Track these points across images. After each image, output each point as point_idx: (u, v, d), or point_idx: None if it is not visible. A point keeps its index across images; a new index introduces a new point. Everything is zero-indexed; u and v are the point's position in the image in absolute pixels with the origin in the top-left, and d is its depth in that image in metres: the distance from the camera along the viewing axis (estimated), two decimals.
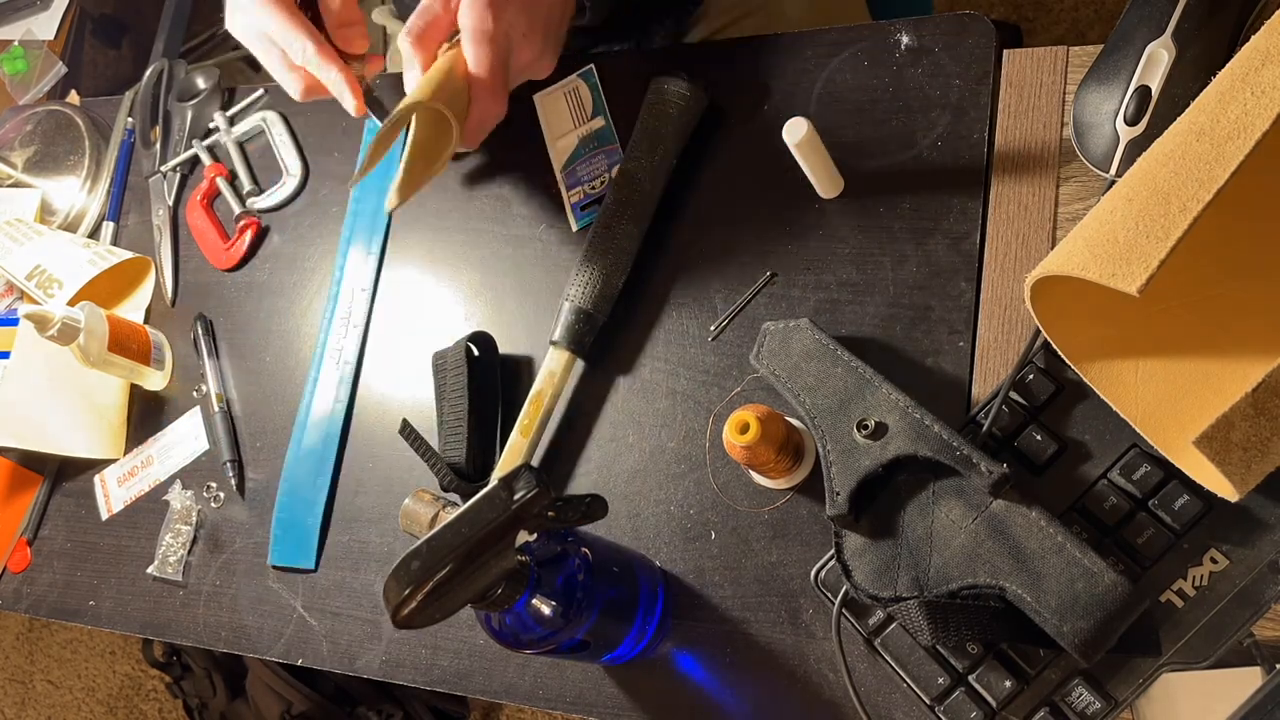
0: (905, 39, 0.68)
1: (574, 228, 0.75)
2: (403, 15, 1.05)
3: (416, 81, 0.68)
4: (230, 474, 0.81)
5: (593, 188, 0.74)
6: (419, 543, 0.48)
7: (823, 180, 0.65)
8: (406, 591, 0.47)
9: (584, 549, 0.56)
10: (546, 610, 0.54)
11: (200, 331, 0.87)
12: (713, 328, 0.68)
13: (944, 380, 0.61)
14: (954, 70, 0.66)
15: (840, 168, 0.66)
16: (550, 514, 0.50)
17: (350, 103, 0.73)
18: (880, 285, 0.64)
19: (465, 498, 0.50)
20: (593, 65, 0.78)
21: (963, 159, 0.64)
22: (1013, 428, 0.56)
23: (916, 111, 0.66)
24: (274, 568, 0.77)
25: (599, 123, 0.76)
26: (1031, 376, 0.57)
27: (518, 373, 0.74)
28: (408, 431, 0.69)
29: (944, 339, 0.61)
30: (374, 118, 0.75)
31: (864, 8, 0.96)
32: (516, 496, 0.48)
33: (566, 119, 0.77)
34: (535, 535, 0.50)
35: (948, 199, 0.64)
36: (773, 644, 0.61)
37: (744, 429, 0.55)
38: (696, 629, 0.63)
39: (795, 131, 0.60)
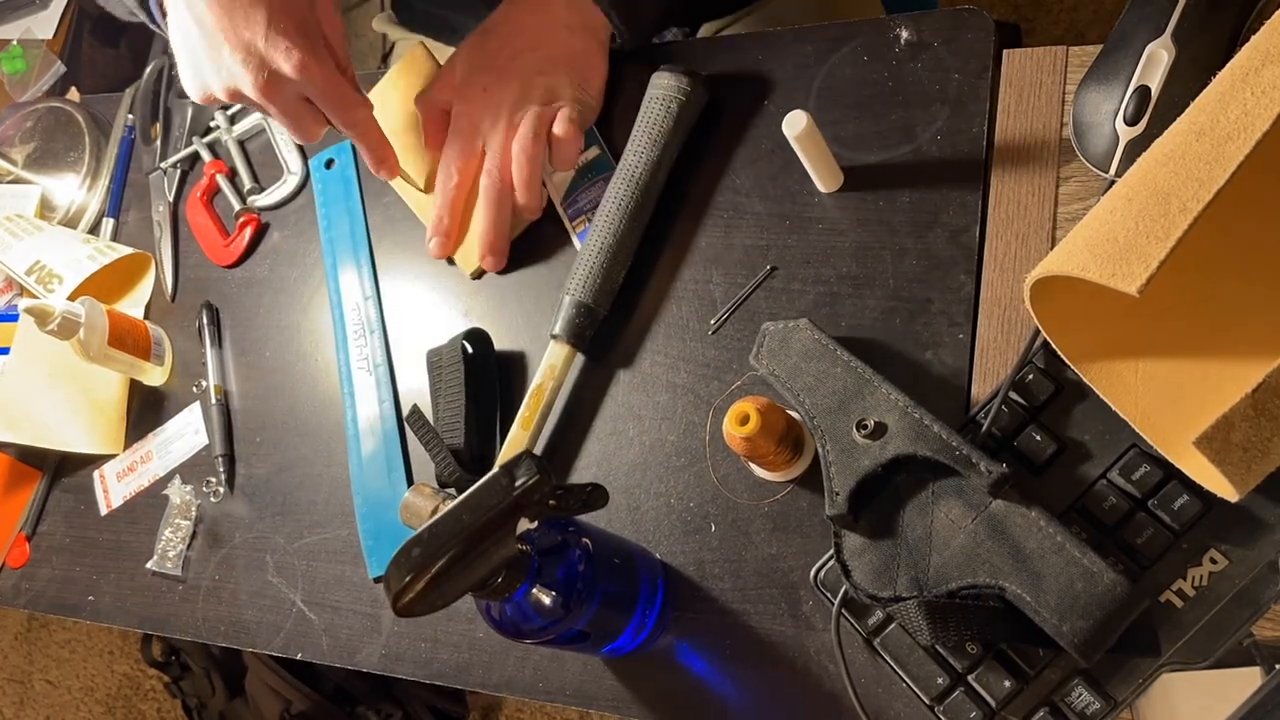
0: (905, 34, 0.68)
1: (579, 247, 0.74)
2: (404, 22, 1.06)
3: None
4: (221, 468, 0.81)
5: (591, 214, 0.74)
6: (420, 530, 0.48)
7: (822, 174, 0.66)
8: (407, 579, 0.47)
9: (584, 540, 0.56)
10: (547, 600, 0.54)
11: (205, 320, 0.87)
12: (713, 321, 0.68)
13: (943, 376, 0.61)
14: (953, 65, 0.66)
15: (840, 161, 0.66)
16: (551, 502, 0.50)
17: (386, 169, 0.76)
18: (880, 278, 0.64)
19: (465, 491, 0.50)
20: None
21: (962, 152, 0.64)
22: (1012, 428, 0.56)
23: (916, 106, 0.66)
24: (377, 580, 0.74)
25: (594, 152, 0.76)
26: (1031, 376, 0.57)
27: (517, 367, 0.74)
28: (415, 418, 0.69)
29: (944, 332, 0.61)
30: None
31: (878, 2, 0.97)
32: (517, 483, 0.48)
33: None
34: (536, 524, 0.50)
35: (947, 192, 0.64)
36: (772, 636, 0.61)
37: (744, 420, 0.55)
38: (696, 621, 0.63)
39: (795, 124, 0.60)
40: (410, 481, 0.75)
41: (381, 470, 0.76)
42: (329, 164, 0.87)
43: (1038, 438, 0.56)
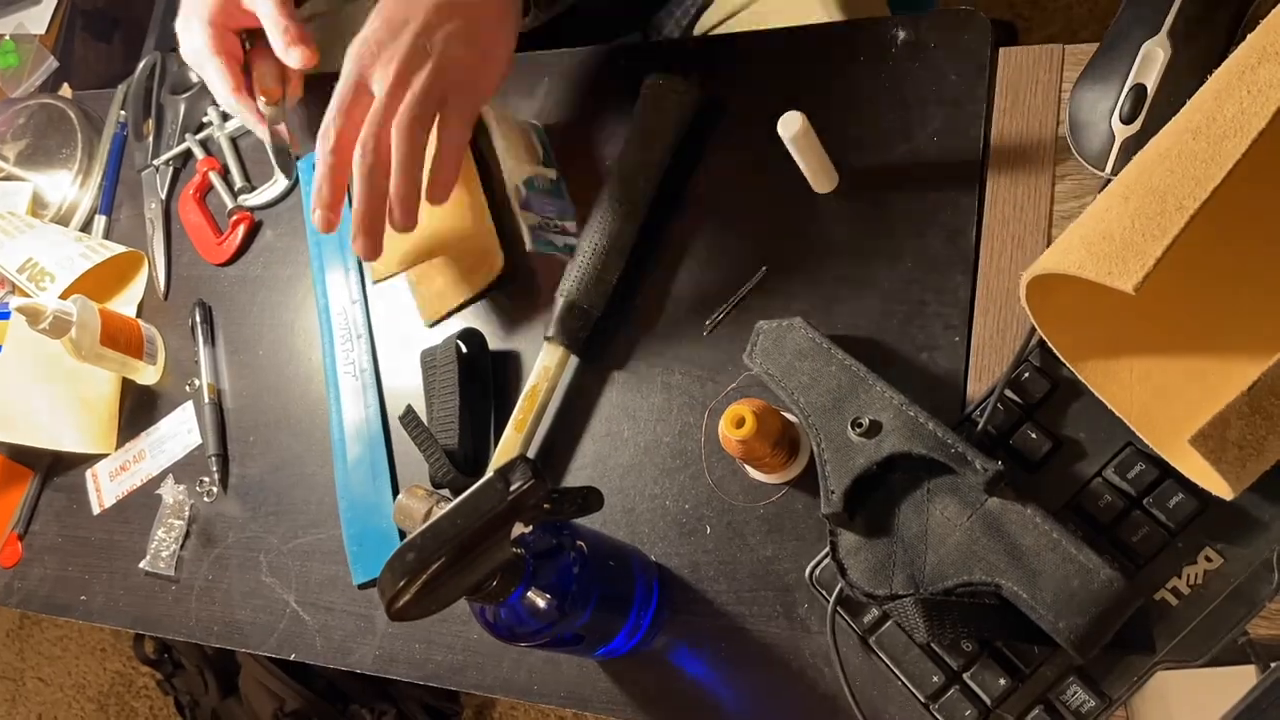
0: (901, 34, 0.68)
1: (529, 246, 0.72)
2: None
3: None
4: (214, 467, 0.81)
5: (546, 219, 0.73)
6: (414, 534, 0.48)
7: (817, 175, 0.65)
8: (401, 583, 0.47)
9: (579, 542, 0.56)
10: (541, 603, 0.54)
11: (198, 318, 0.86)
12: (707, 322, 0.68)
13: (939, 376, 0.61)
14: (950, 66, 0.66)
15: (835, 162, 0.66)
16: (546, 505, 0.50)
17: (262, 133, 0.76)
18: (875, 280, 0.64)
19: (459, 492, 0.50)
20: (539, 125, 0.78)
21: (958, 154, 0.64)
22: (1008, 426, 0.56)
23: (912, 106, 0.66)
24: (361, 586, 0.73)
25: (552, 173, 0.76)
26: (1027, 374, 0.57)
27: (511, 367, 0.74)
28: (409, 419, 0.68)
29: (939, 334, 0.61)
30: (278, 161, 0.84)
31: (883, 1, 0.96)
32: (513, 488, 0.48)
33: (521, 149, 0.75)
34: (531, 527, 0.50)
35: (943, 193, 0.64)
36: (767, 638, 0.61)
37: (739, 423, 0.55)
38: (691, 623, 0.63)
39: (790, 125, 0.60)
40: (396, 487, 0.74)
41: (366, 476, 0.75)
42: None
43: (1033, 436, 0.56)
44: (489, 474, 0.49)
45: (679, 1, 0.93)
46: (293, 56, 0.70)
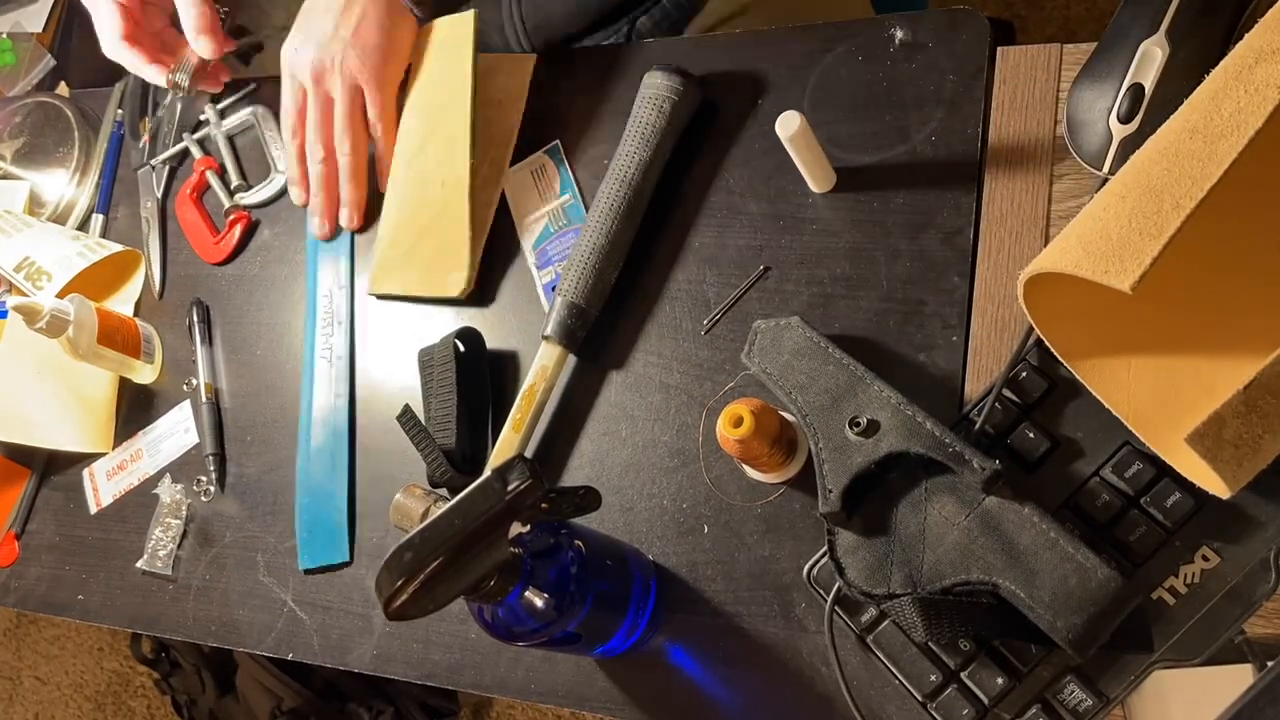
0: (899, 34, 0.68)
1: (545, 308, 0.74)
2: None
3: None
4: (211, 466, 0.81)
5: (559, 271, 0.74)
6: (412, 533, 0.48)
7: (816, 174, 0.65)
8: (399, 582, 0.47)
9: (577, 541, 0.56)
10: (539, 602, 0.54)
11: (195, 318, 0.86)
12: (706, 322, 0.68)
13: (937, 376, 0.61)
14: (948, 65, 0.66)
15: (834, 162, 0.66)
16: (544, 505, 0.50)
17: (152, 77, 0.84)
18: (873, 280, 0.64)
19: (456, 492, 0.50)
20: (558, 141, 0.77)
21: (956, 154, 0.64)
22: (1005, 425, 0.57)
23: (910, 106, 0.66)
24: (308, 572, 0.75)
25: (568, 199, 0.75)
26: (1024, 374, 0.57)
27: (509, 368, 0.74)
28: (407, 418, 0.68)
29: (937, 334, 0.61)
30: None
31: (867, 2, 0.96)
32: (510, 487, 0.48)
33: (534, 197, 0.77)
34: (528, 527, 0.50)
35: (941, 194, 0.64)
36: (765, 638, 0.61)
37: (738, 422, 0.55)
38: (689, 622, 0.63)
39: (788, 125, 0.60)
40: (353, 480, 0.75)
41: (326, 464, 0.76)
42: None
43: (1031, 435, 0.56)
44: (486, 473, 0.49)
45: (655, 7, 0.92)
46: (201, 44, 0.76)
